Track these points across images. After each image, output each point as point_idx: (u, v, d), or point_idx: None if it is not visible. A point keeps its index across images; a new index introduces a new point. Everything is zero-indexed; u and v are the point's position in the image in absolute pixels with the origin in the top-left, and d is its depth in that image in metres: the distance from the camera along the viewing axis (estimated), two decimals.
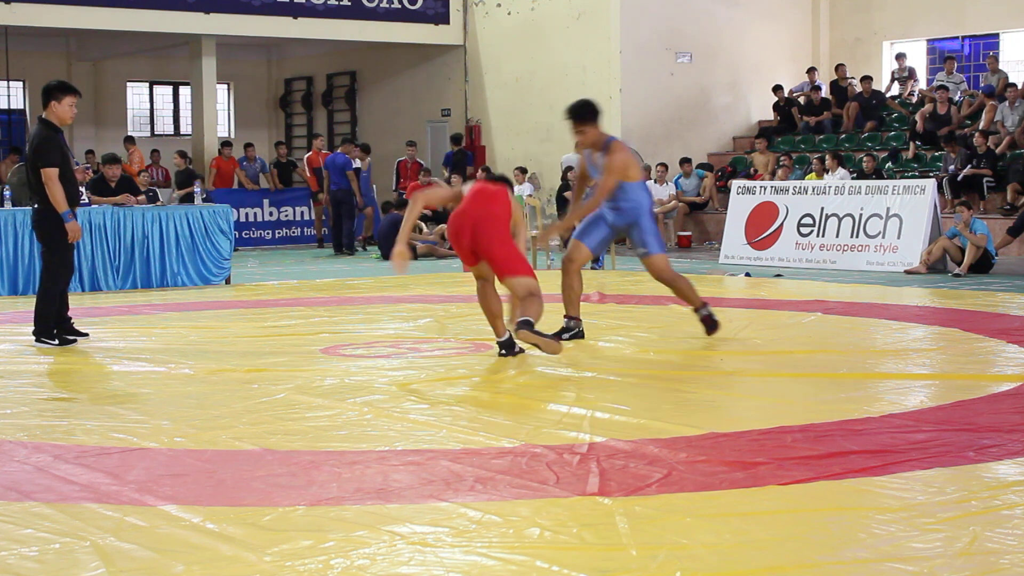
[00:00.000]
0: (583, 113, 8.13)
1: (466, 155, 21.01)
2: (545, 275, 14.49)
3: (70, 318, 8.76)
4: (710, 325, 8.30)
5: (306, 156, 20.61)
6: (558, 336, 8.00)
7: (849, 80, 21.01)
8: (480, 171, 19.01)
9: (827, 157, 17.41)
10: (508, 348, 7.66)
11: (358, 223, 19.37)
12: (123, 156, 21.16)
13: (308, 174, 20.17)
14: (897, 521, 4.07)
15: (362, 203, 18.91)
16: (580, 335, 8.39)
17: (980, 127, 17.52)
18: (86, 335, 8.74)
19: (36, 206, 8.54)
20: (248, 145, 21.81)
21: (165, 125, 26.74)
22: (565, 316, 8.41)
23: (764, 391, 6.62)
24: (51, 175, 8.26)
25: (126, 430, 5.63)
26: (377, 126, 24.54)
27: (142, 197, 13.81)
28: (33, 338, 8.57)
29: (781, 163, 18.53)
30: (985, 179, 16.67)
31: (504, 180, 7.97)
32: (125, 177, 14.09)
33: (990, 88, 18.48)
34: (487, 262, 7.58)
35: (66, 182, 8.38)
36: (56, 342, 8.52)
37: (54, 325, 8.56)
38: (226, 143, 21.73)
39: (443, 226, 18.30)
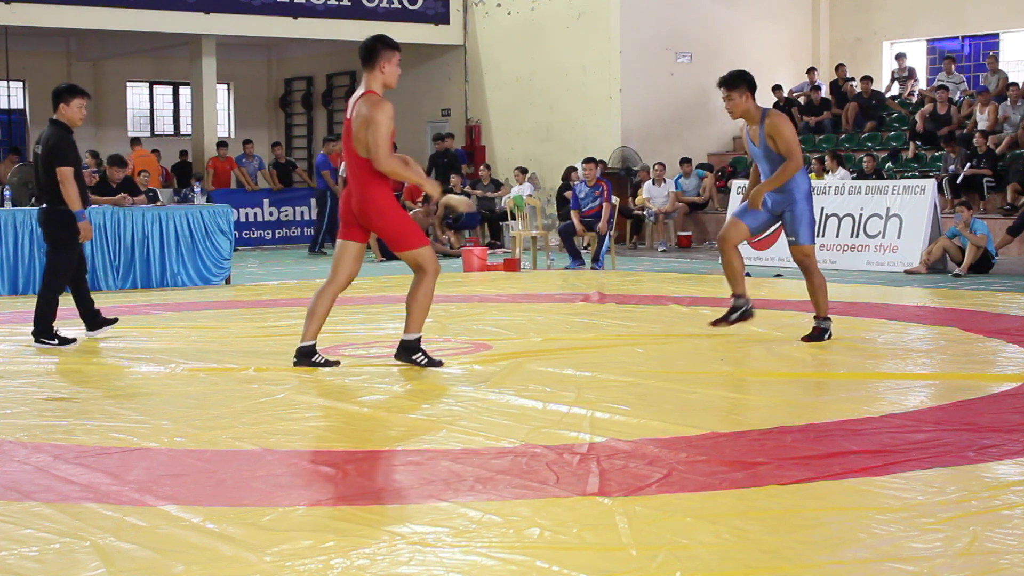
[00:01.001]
0: (730, 80, 8.04)
1: (456, 154, 20.62)
2: (545, 275, 14.54)
3: (98, 311, 8.97)
4: (816, 336, 8.21)
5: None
6: (726, 319, 8.18)
7: (849, 80, 21.01)
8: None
9: (827, 157, 17.41)
10: (306, 356, 7.34)
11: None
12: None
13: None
14: (897, 521, 4.07)
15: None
16: (749, 314, 8.32)
17: (986, 126, 17.50)
18: (115, 320, 9.00)
19: (44, 205, 8.62)
20: (247, 142, 21.83)
21: (165, 125, 26.74)
22: (732, 295, 8.32)
23: (764, 391, 6.62)
24: (67, 174, 8.38)
25: (126, 430, 5.63)
26: None
27: (141, 197, 13.81)
28: (32, 338, 8.59)
29: None
30: (985, 179, 16.67)
31: None
32: (125, 178, 14.09)
33: (981, 89, 18.52)
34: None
35: (78, 183, 8.49)
36: (55, 342, 8.54)
37: (55, 324, 8.62)
38: (222, 143, 21.74)
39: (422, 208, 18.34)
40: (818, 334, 8.24)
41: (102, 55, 24.63)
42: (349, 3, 21.26)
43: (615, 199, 15.57)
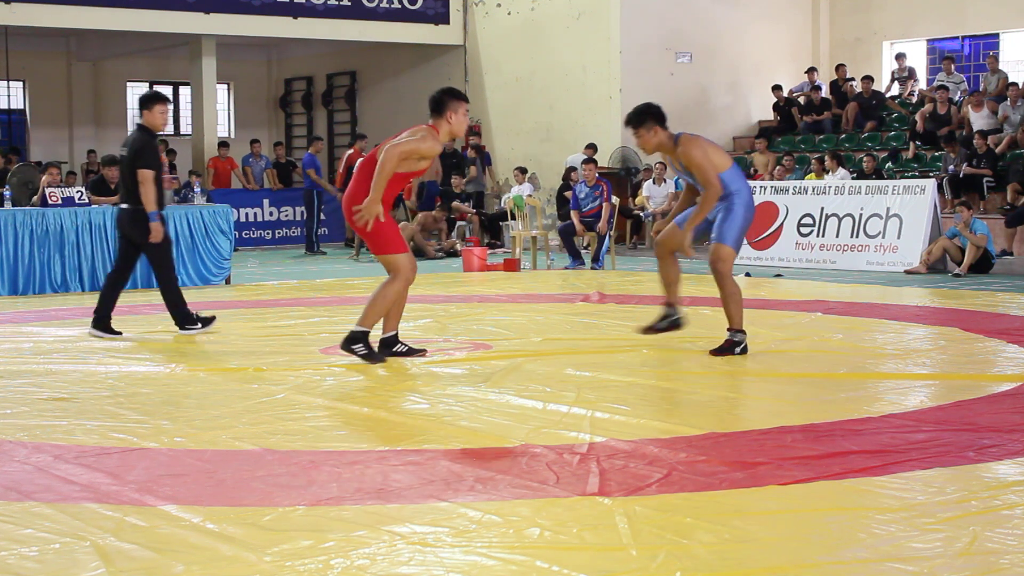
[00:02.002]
0: (635, 119, 7.71)
1: (459, 156, 20.49)
2: (545, 275, 14.54)
3: (110, 317, 9.06)
4: (727, 348, 7.69)
5: (346, 154, 20.58)
6: (654, 327, 7.96)
7: (849, 80, 21.01)
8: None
9: (827, 157, 17.41)
10: (387, 347, 7.58)
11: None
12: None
13: (340, 171, 20.13)
14: (897, 521, 4.07)
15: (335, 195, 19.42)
16: (679, 324, 8.00)
17: (981, 127, 17.50)
18: (119, 333, 9.03)
19: (125, 206, 8.93)
20: (255, 141, 21.86)
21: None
22: (664, 303, 8.08)
23: (764, 391, 6.62)
24: (147, 176, 8.74)
25: (126, 430, 5.63)
26: (377, 126, 24.51)
27: None
28: (178, 329, 9.03)
29: (783, 163, 18.53)
30: (985, 179, 16.67)
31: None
32: None
33: (973, 91, 18.55)
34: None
35: (157, 187, 8.86)
36: (200, 325, 9.05)
37: (187, 309, 9.08)
38: (223, 143, 21.75)
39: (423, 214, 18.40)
40: (728, 347, 7.69)
41: (102, 55, 24.63)
42: (349, 3, 21.26)
43: (615, 199, 15.57)
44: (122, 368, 7.52)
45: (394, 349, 7.58)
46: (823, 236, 15.29)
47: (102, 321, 8.98)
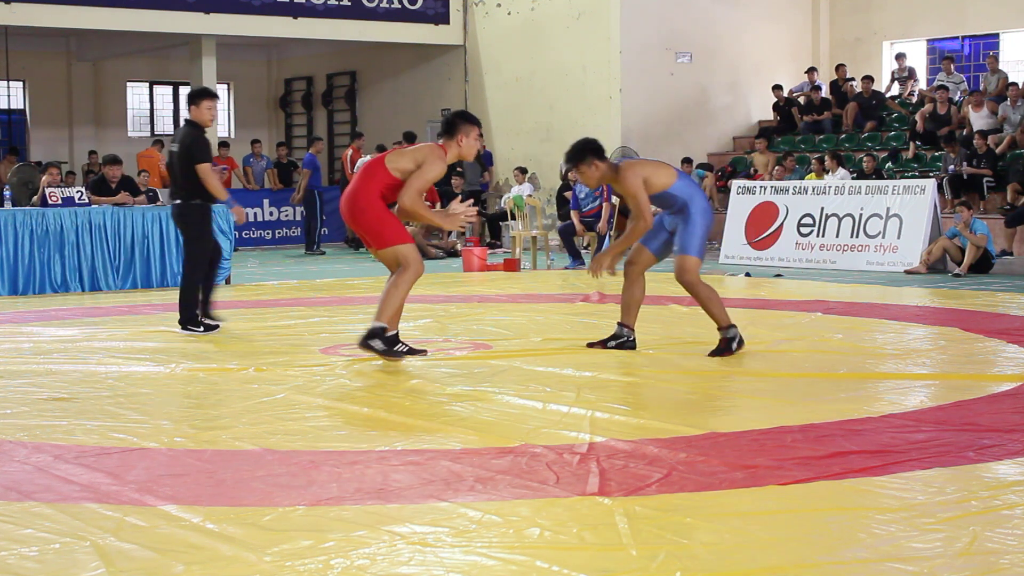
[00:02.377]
0: (573, 157, 7.66)
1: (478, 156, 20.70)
2: (545, 275, 14.53)
3: (205, 312, 9.32)
4: (723, 348, 7.72)
5: (347, 154, 20.59)
6: (606, 343, 7.94)
7: (849, 80, 21.01)
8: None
9: (827, 157, 17.41)
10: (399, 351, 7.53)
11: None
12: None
13: (350, 172, 20.12)
14: (897, 521, 4.07)
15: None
16: (630, 345, 7.98)
17: (981, 127, 17.50)
18: (217, 326, 9.23)
19: (178, 201, 9.12)
20: (255, 141, 21.86)
21: (165, 125, 26.73)
22: (618, 323, 8.04)
23: (764, 391, 6.62)
24: (206, 170, 8.96)
25: (126, 430, 5.63)
26: (377, 126, 24.54)
27: (141, 197, 13.81)
28: (179, 327, 9.08)
29: (784, 163, 18.54)
30: (985, 179, 16.67)
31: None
32: (125, 177, 14.09)
33: (973, 90, 18.55)
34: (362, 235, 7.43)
35: None
36: (201, 329, 9.05)
37: (198, 312, 9.19)
38: (223, 143, 21.75)
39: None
40: (725, 345, 7.70)
41: (102, 55, 24.63)
42: (349, 3, 21.26)
43: (615, 199, 15.56)
44: (122, 368, 7.52)
45: (394, 349, 7.57)
46: (823, 236, 15.29)
47: (193, 317, 9.27)
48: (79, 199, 12.81)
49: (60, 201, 12.66)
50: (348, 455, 5.11)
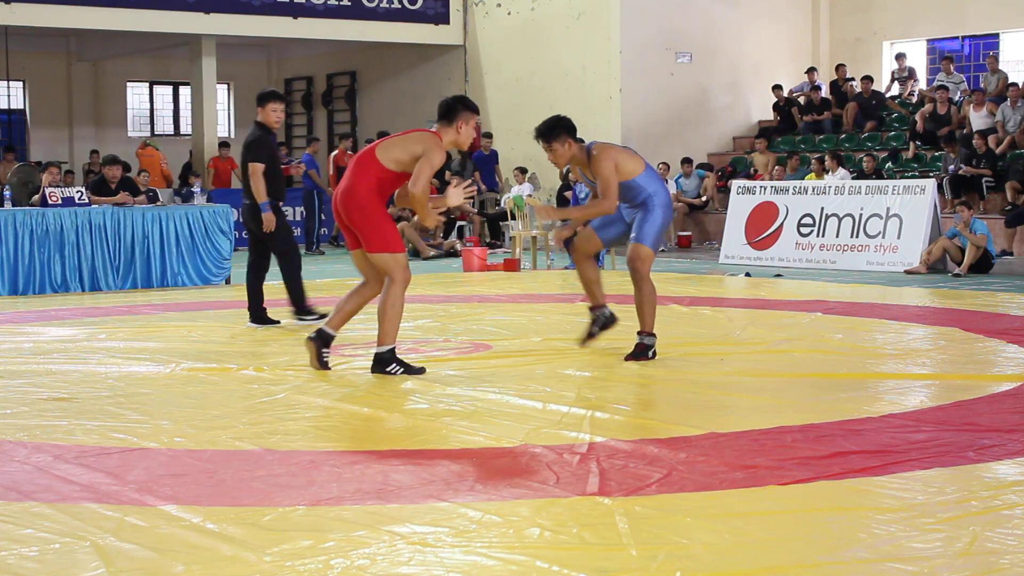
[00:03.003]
0: (546, 132, 7.47)
1: (467, 158, 20.43)
2: (545, 275, 14.53)
3: (264, 308, 9.58)
4: (639, 353, 7.57)
5: (332, 155, 20.54)
6: (592, 334, 7.86)
7: (849, 80, 21.01)
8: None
9: (827, 157, 17.41)
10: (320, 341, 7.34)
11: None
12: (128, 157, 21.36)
13: (331, 172, 20.10)
14: (897, 521, 4.07)
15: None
16: (612, 321, 7.87)
17: (981, 127, 17.50)
18: (277, 322, 9.52)
19: (247, 201, 9.40)
20: None
21: (165, 125, 26.74)
22: (589, 308, 7.92)
23: (764, 391, 6.62)
24: (256, 169, 9.20)
25: (126, 430, 5.63)
26: (377, 126, 24.51)
27: (141, 197, 13.81)
28: (295, 319, 9.51)
29: (787, 164, 18.56)
30: (984, 179, 16.66)
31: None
32: (125, 177, 14.09)
33: (975, 89, 18.57)
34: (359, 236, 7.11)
35: (273, 177, 9.33)
36: (316, 316, 9.37)
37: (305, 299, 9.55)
38: (223, 143, 21.75)
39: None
40: (641, 351, 7.56)
41: (102, 55, 24.63)
42: (349, 3, 21.26)
43: None
44: (122, 368, 7.52)
45: (322, 358, 7.26)
46: (823, 236, 15.29)
47: (258, 314, 9.52)
48: (79, 199, 12.81)
49: (60, 201, 12.66)
50: (348, 455, 5.11)
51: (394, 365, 7.05)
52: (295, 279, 9.53)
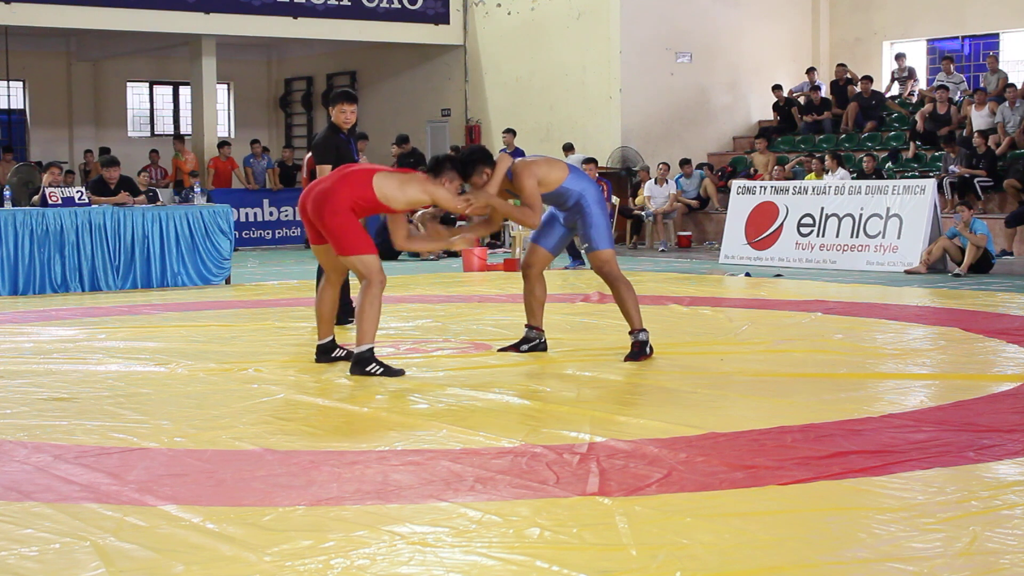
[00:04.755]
0: (462, 165, 7.32)
1: (420, 155, 20.09)
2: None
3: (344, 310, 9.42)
4: (638, 352, 7.57)
5: (306, 158, 20.57)
6: (516, 347, 7.84)
7: (849, 82, 21.00)
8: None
9: (827, 157, 17.41)
10: (325, 353, 7.52)
11: None
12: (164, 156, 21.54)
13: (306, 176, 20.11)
14: (897, 521, 4.07)
15: None
16: (542, 347, 7.88)
17: (981, 126, 17.49)
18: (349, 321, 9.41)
19: None
20: (255, 141, 21.85)
21: (165, 125, 26.74)
22: (526, 326, 7.92)
23: (764, 391, 6.62)
24: (322, 170, 9.11)
25: (126, 430, 5.63)
26: (377, 126, 24.55)
27: (141, 197, 13.81)
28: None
29: (789, 164, 18.57)
30: (977, 179, 16.64)
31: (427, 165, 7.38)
32: (124, 178, 14.09)
33: (976, 89, 18.57)
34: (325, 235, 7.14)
35: None
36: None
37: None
38: (224, 143, 21.76)
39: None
40: (638, 349, 7.56)
41: (102, 55, 24.63)
42: (349, 3, 21.26)
43: (615, 199, 15.57)
44: (122, 368, 7.52)
45: (332, 355, 7.50)
46: (823, 236, 15.29)
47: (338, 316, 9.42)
48: (79, 199, 12.81)
49: (60, 201, 12.66)
50: (348, 455, 5.11)
51: (374, 365, 7.07)
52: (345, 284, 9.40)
